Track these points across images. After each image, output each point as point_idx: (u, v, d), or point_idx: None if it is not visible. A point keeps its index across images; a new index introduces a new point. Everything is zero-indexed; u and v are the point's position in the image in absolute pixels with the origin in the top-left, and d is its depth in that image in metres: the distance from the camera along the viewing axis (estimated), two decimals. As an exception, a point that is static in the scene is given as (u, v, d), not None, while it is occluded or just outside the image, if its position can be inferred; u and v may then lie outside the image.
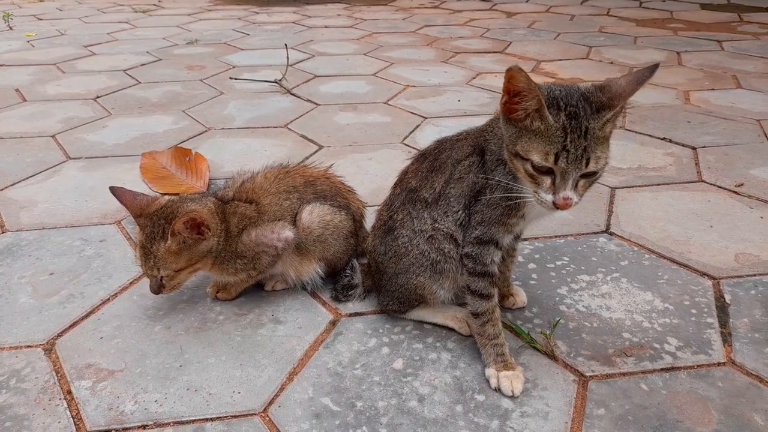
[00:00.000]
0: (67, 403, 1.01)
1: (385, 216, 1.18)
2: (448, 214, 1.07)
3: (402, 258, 1.12)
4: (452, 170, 1.06)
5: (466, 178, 1.04)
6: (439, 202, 1.08)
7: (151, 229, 1.12)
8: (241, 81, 2.89)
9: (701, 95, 2.64)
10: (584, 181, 0.91)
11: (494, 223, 1.02)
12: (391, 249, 1.14)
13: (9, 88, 2.79)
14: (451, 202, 1.06)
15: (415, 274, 1.11)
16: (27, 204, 1.70)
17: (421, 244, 1.10)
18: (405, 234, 1.11)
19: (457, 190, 1.06)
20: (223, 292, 1.28)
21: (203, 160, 1.90)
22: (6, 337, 1.17)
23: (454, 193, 1.06)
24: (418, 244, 1.10)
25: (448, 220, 1.07)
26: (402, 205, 1.13)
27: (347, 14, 4.88)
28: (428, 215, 1.09)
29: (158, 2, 5.56)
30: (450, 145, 1.10)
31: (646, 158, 1.99)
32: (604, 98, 0.89)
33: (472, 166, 1.04)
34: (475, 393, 1.03)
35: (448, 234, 1.07)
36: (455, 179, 1.06)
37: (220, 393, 1.03)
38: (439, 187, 1.08)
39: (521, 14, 4.77)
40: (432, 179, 1.09)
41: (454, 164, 1.07)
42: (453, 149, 1.09)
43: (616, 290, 1.31)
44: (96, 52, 3.51)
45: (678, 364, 1.09)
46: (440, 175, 1.08)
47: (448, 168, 1.07)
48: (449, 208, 1.06)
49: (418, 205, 1.10)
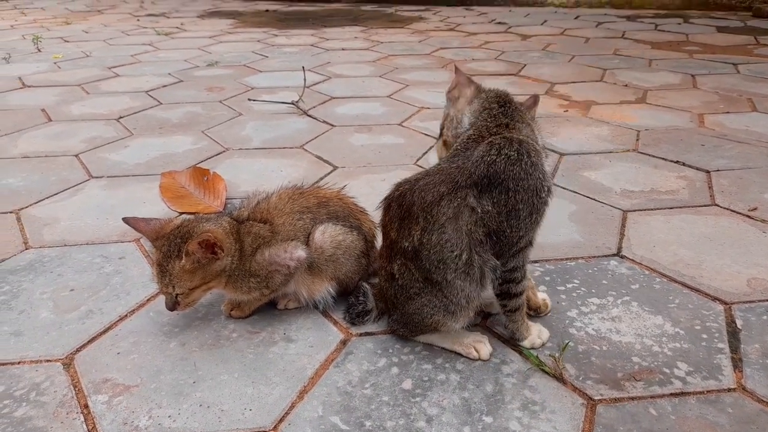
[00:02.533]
0: (84, 417, 1.04)
1: (384, 264, 1.18)
2: (447, 262, 1.05)
3: (413, 300, 1.13)
4: (432, 215, 1.05)
5: (460, 217, 1.04)
6: (422, 252, 1.06)
7: (168, 248, 1.16)
8: (260, 102, 2.95)
9: (716, 118, 2.64)
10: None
11: (535, 226, 1.07)
12: (400, 293, 1.15)
13: (36, 108, 2.89)
14: (445, 247, 1.05)
15: (429, 314, 1.13)
16: (50, 221, 1.75)
17: (428, 292, 1.11)
18: (410, 283, 1.12)
19: (447, 234, 1.04)
20: (236, 310, 1.31)
21: (221, 180, 1.95)
22: (27, 351, 1.21)
23: (447, 237, 1.04)
24: (426, 292, 1.11)
25: (448, 269, 1.06)
26: (395, 256, 1.13)
27: (364, 37, 4.96)
28: (415, 266, 1.09)
29: (180, 25, 5.71)
30: (417, 189, 1.08)
31: (658, 181, 1.99)
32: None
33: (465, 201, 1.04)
34: (483, 415, 1.04)
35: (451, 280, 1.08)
36: (441, 224, 1.04)
37: (232, 410, 1.05)
38: (417, 235, 1.06)
39: (536, 37, 4.81)
40: (408, 228, 1.08)
41: (431, 209, 1.05)
42: (423, 191, 1.07)
43: (627, 314, 1.31)
44: (119, 74, 3.62)
45: (688, 389, 1.09)
46: (414, 223, 1.07)
47: (422, 215, 1.06)
48: (443, 254, 1.05)
49: (408, 255, 1.10)
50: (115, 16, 6.36)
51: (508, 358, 1.18)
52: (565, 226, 1.70)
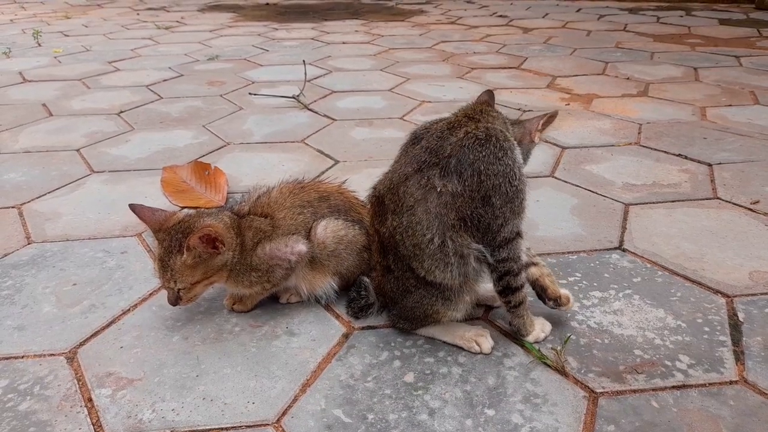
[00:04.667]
0: (88, 411, 1.05)
1: (378, 258, 1.18)
2: (422, 246, 1.05)
3: (410, 294, 1.14)
4: (399, 196, 1.06)
5: (428, 199, 1.03)
6: (396, 237, 1.07)
7: (169, 243, 1.16)
8: (260, 96, 2.95)
9: (718, 111, 2.63)
10: None
11: (516, 216, 1.06)
12: (396, 286, 1.15)
13: (36, 103, 2.89)
14: (416, 231, 1.05)
15: (429, 305, 1.13)
16: (52, 216, 1.75)
17: (423, 284, 1.11)
18: (407, 275, 1.12)
19: (417, 216, 1.04)
20: (239, 305, 1.31)
21: (222, 174, 1.95)
22: (31, 345, 1.21)
23: (417, 219, 1.04)
24: (422, 283, 1.11)
25: (424, 254, 1.06)
26: (388, 250, 1.13)
27: (365, 30, 4.95)
28: (397, 256, 1.10)
29: (180, 19, 5.69)
30: (387, 175, 1.11)
31: (660, 174, 1.99)
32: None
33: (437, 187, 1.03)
34: (485, 408, 1.04)
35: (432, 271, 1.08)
36: (409, 205, 1.05)
37: (235, 403, 1.06)
38: (390, 221, 1.08)
39: (538, 30, 4.79)
40: (383, 214, 1.10)
41: (397, 189, 1.06)
42: (391, 175, 1.09)
43: (628, 307, 1.31)
44: (120, 68, 3.61)
45: (689, 381, 1.09)
46: (385, 209, 1.09)
47: (390, 197, 1.08)
48: (416, 238, 1.05)
49: (391, 244, 1.11)
50: (115, 10, 6.35)
51: (510, 351, 1.18)
52: (566, 219, 1.69)
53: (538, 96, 2.93)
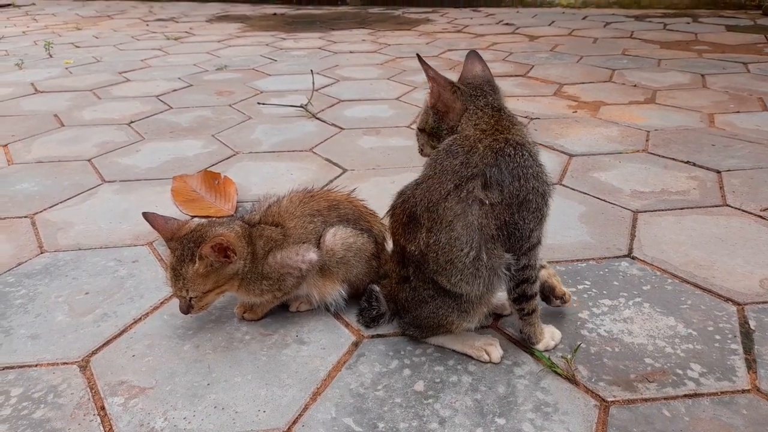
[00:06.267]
0: (101, 419, 1.05)
1: (396, 268, 1.19)
2: (455, 262, 1.05)
3: (427, 304, 1.14)
4: (438, 214, 1.04)
5: (469, 212, 1.02)
6: (429, 255, 1.07)
7: (181, 252, 1.17)
8: (269, 106, 2.97)
9: (726, 118, 2.63)
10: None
11: (543, 221, 1.07)
12: (412, 296, 1.15)
13: (48, 113, 2.92)
14: (454, 246, 1.04)
15: (444, 316, 1.13)
16: (64, 225, 1.77)
17: (441, 295, 1.11)
18: (424, 286, 1.13)
19: (456, 231, 1.03)
20: (249, 313, 1.32)
21: (231, 184, 1.96)
22: (44, 354, 1.22)
23: (456, 235, 1.03)
24: (440, 294, 1.11)
25: (455, 269, 1.06)
26: (408, 261, 1.14)
27: (371, 39, 4.98)
28: (422, 271, 1.10)
29: (189, 29, 5.75)
30: (420, 192, 1.08)
31: (669, 182, 1.98)
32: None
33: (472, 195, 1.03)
34: (496, 416, 1.04)
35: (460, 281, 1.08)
36: (448, 221, 1.03)
37: (246, 411, 1.06)
38: (423, 239, 1.07)
39: (544, 37, 4.81)
40: (414, 232, 1.09)
41: (436, 208, 1.05)
42: (427, 193, 1.06)
43: (639, 315, 1.31)
44: (130, 79, 3.65)
45: (701, 390, 1.08)
46: (419, 226, 1.07)
47: (426, 215, 1.06)
48: (452, 254, 1.05)
49: (416, 260, 1.11)
50: (125, 21, 6.42)
51: (519, 360, 1.18)
52: (574, 227, 1.69)
53: (545, 104, 2.94)
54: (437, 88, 1.08)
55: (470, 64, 1.16)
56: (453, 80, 1.12)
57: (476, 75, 1.14)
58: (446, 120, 1.10)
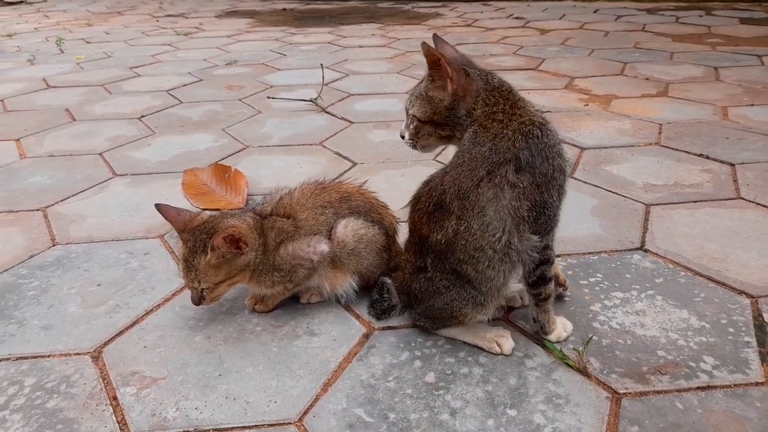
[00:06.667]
0: (113, 409, 1.06)
1: (412, 258, 1.18)
2: (485, 248, 1.05)
3: (441, 295, 1.13)
4: (469, 201, 1.04)
5: (501, 196, 1.02)
6: (458, 242, 1.06)
7: (193, 243, 1.18)
8: (279, 100, 2.97)
9: (740, 111, 2.60)
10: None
11: (561, 200, 1.08)
12: (427, 286, 1.15)
13: (60, 108, 2.94)
14: (486, 232, 1.04)
15: (458, 308, 1.13)
16: (76, 218, 1.78)
17: (458, 285, 1.11)
18: (440, 276, 1.12)
19: (488, 217, 1.03)
20: (260, 304, 1.32)
21: (242, 177, 1.97)
22: (57, 344, 1.23)
23: (488, 220, 1.03)
24: (456, 285, 1.11)
25: (484, 256, 1.05)
26: (427, 252, 1.13)
27: (381, 33, 4.96)
28: (446, 259, 1.09)
29: (199, 25, 5.76)
30: (448, 180, 1.08)
31: (682, 175, 1.96)
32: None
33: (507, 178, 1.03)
34: (507, 408, 1.04)
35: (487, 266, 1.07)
36: (481, 206, 1.03)
37: (257, 402, 1.07)
38: (452, 226, 1.06)
39: (555, 31, 4.77)
40: (441, 220, 1.08)
41: (468, 195, 1.04)
42: (457, 180, 1.06)
43: (651, 308, 1.30)
44: (140, 74, 3.67)
45: (714, 382, 1.07)
46: (447, 214, 1.07)
47: (457, 203, 1.05)
48: (483, 240, 1.04)
49: (440, 248, 1.10)
50: (135, 17, 6.45)
51: (531, 352, 1.17)
52: (586, 220, 1.68)
53: (556, 97, 2.92)
54: (455, 74, 1.06)
55: (442, 47, 1.13)
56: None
57: (456, 57, 1.13)
58: (463, 104, 1.08)
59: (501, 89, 1.09)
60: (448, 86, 1.07)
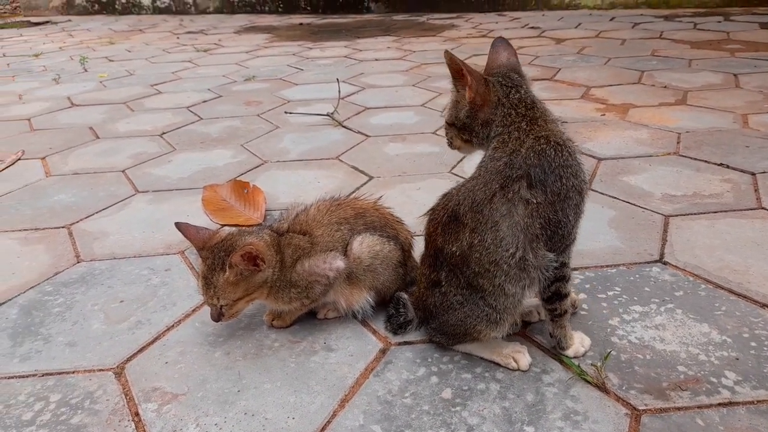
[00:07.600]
0: (135, 425, 1.08)
1: (426, 272, 1.19)
2: (500, 263, 1.05)
3: (455, 311, 1.14)
4: (483, 215, 1.05)
5: (514, 212, 1.03)
6: (472, 255, 1.07)
7: (212, 260, 1.20)
8: (296, 115, 3.01)
9: (761, 118, 2.56)
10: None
11: (580, 217, 1.08)
12: (441, 301, 1.15)
13: (84, 126, 3.02)
14: (500, 246, 1.04)
15: (471, 325, 1.13)
16: (99, 235, 1.82)
17: (472, 301, 1.11)
18: (454, 291, 1.13)
19: (502, 232, 1.04)
20: (278, 320, 1.34)
21: (260, 192, 2.00)
22: (81, 361, 1.26)
23: (502, 235, 1.04)
24: (470, 302, 1.11)
25: (500, 270, 1.06)
26: (441, 265, 1.13)
27: (396, 46, 5.00)
28: (461, 273, 1.10)
29: (218, 41, 5.87)
30: (463, 192, 1.09)
31: (701, 185, 1.94)
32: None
33: (519, 195, 1.04)
34: (525, 425, 1.03)
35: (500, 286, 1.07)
36: (495, 221, 1.04)
37: (276, 418, 1.08)
38: (466, 238, 1.07)
39: (570, 40, 4.76)
40: (455, 232, 1.09)
41: (481, 208, 1.05)
42: (471, 192, 1.07)
43: (671, 321, 1.28)
44: (162, 91, 3.74)
45: (736, 399, 1.06)
46: (461, 226, 1.08)
47: (470, 215, 1.06)
48: (497, 255, 1.05)
49: (455, 261, 1.10)
50: (156, 35, 6.59)
51: (548, 367, 1.17)
52: (604, 232, 1.67)
53: (572, 107, 2.91)
54: (474, 82, 1.08)
55: (495, 53, 1.18)
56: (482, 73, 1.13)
57: (501, 64, 1.15)
58: (481, 114, 1.10)
59: (523, 104, 1.10)
60: (467, 94, 1.09)
